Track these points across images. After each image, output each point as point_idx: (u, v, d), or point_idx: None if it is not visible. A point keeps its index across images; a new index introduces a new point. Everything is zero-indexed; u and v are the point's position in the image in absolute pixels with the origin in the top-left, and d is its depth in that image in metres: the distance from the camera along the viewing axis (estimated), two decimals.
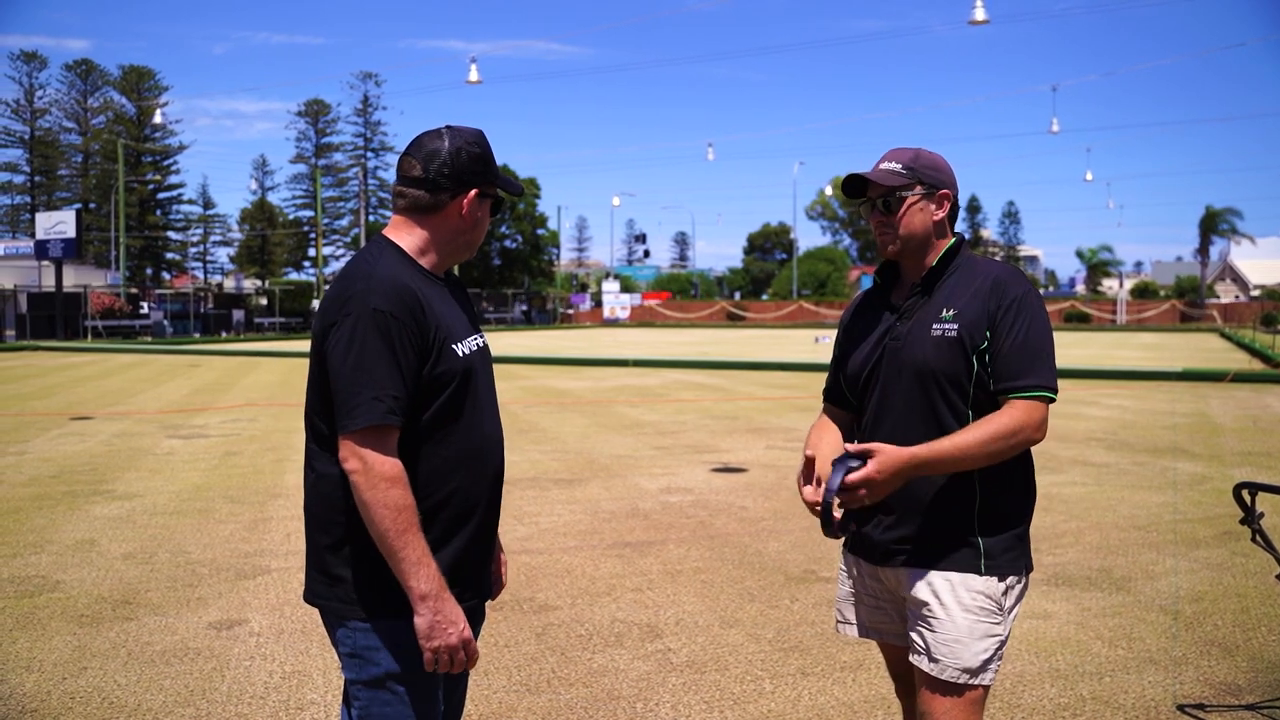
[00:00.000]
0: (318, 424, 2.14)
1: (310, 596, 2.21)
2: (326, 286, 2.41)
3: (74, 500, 7.77)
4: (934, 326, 2.34)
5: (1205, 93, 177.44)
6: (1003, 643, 2.35)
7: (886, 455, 2.22)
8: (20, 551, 6.22)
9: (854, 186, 2.45)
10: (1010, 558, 2.35)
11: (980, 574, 2.32)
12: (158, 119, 58.47)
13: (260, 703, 3.94)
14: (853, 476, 2.20)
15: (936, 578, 2.32)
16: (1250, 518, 3.57)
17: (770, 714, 3.85)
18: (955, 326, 2.31)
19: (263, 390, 17.34)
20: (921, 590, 2.33)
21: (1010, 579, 2.36)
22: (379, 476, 1.99)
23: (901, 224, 2.40)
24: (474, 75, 32.90)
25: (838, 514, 2.27)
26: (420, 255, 2.21)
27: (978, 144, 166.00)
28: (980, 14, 26.01)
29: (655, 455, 10.02)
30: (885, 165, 2.43)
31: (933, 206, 2.41)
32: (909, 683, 2.50)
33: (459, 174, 2.17)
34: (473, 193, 2.19)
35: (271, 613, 5.04)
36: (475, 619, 2.26)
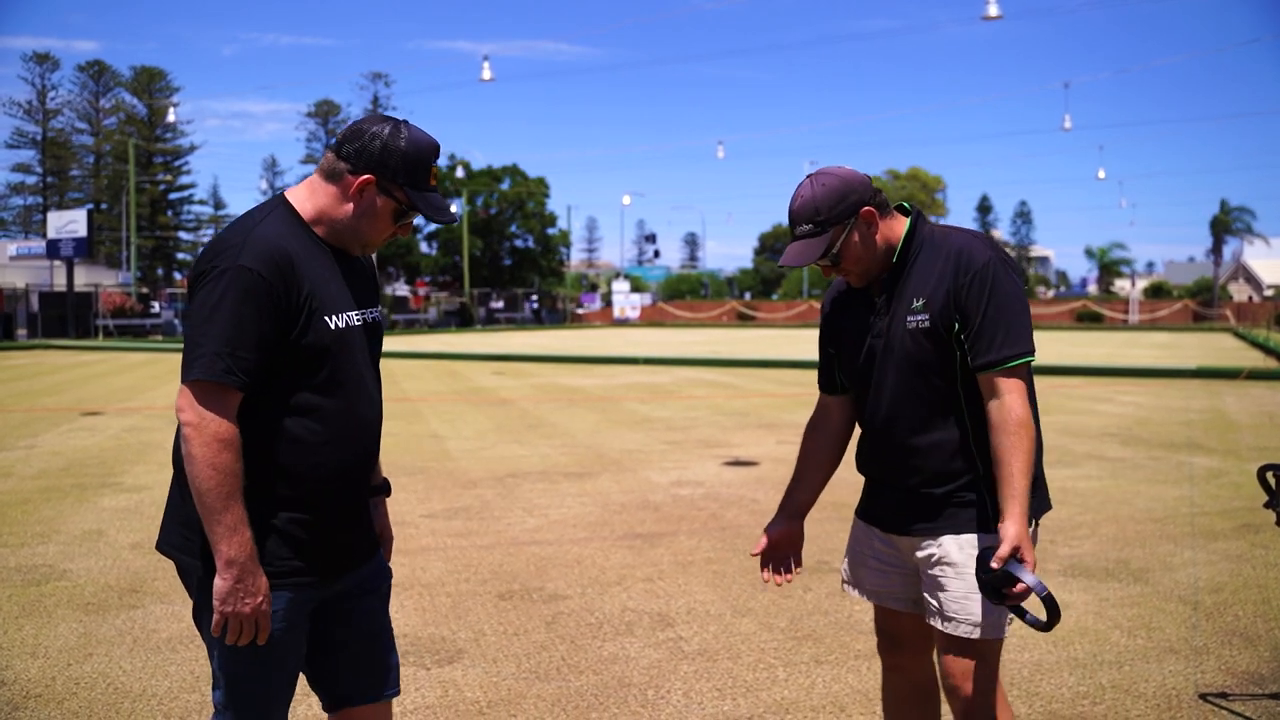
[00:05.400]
0: None
1: (165, 545, 2.20)
2: None
3: (82, 492, 7.74)
4: (909, 319, 2.38)
5: (1219, 90, 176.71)
6: None
7: (1009, 534, 2.23)
8: (28, 541, 6.19)
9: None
10: None
11: (990, 531, 2.36)
12: (170, 118, 58.53)
13: None
14: (1020, 574, 2.23)
15: (948, 540, 2.38)
16: (1275, 500, 3.49)
17: (784, 701, 3.79)
18: (926, 317, 2.35)
19: None
20: (934, 552, 2.40)
21: None
22: (212, 435, 1.97)
23: (851, 263, 2.43)
24: (487, 73, 32.89)
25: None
26: (314, 221, 2.17)
27: (989, 142, 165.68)
28: (993, 9, 25.84)
29: (666, 450, 9.96)
30: (800, 231, 2.41)
31: (863, 228, 2.40)
32: (892, 638, 2.64)
33: (365, 155, 2.12)
34: (367, 178, 2.12)
35: None
36: (359, 591, 2.28)
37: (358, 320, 2.19)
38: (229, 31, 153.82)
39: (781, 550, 2.66)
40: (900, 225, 2.46)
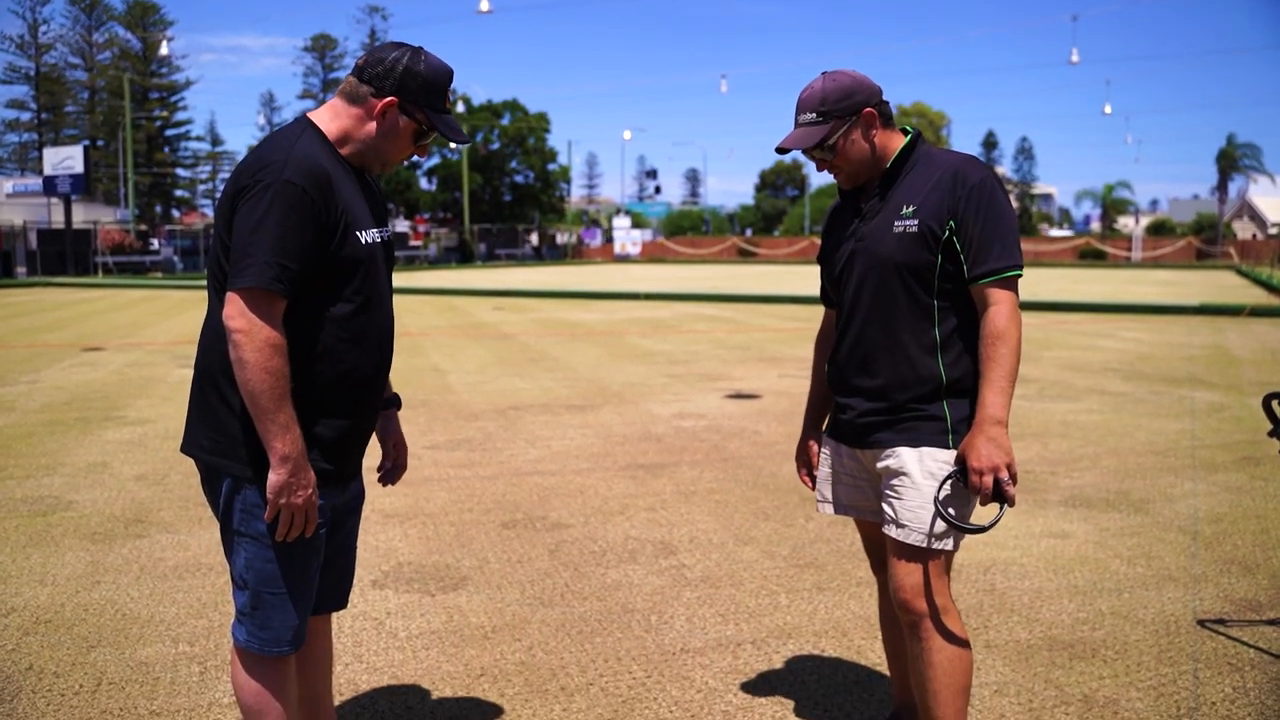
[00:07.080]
0: (225, 283, 2.17)
1: (194, 449, 2.26)
2: None
3: (86, 426, 7.76)
4: (895, 224, 2.44)
5: (1228, 24, 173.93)
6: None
7: (975, 444, 2.32)
8: (33, 473, 6.22)
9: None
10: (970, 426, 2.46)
11: (946, 447, 2.43)
12: (164, 52, 57.67)
13: None
14: (974, 480, 2.31)
15: (906, 452, 2.45)
16: (1279, 429, 3.49)
17: (786, 626, 3.82)
18: (915, 222, 2.41)
19: None
20: (893, 464, 2.47)
21: None
22: (264, 340, 2.06)
23: (844, 160, 2.50)
24: (485, 5, 32.38)
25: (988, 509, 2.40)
26: (339, 142, 2.26)
27: (996, 75, 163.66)
28: None
29: (667, 383, 9.97)
30: (803, 119, 2.49)
31: (862, 128, 2.48)
32: (880, 557, 2.70)
33: (388, 77, 2.22)
34: (391, 99, 2.22)
35: None
36: (350, 508, 2.42)
37: (377, 237, 2.30)
38: None
39: (814, 456, 2.81)
40: (898, 140, 2.53)
